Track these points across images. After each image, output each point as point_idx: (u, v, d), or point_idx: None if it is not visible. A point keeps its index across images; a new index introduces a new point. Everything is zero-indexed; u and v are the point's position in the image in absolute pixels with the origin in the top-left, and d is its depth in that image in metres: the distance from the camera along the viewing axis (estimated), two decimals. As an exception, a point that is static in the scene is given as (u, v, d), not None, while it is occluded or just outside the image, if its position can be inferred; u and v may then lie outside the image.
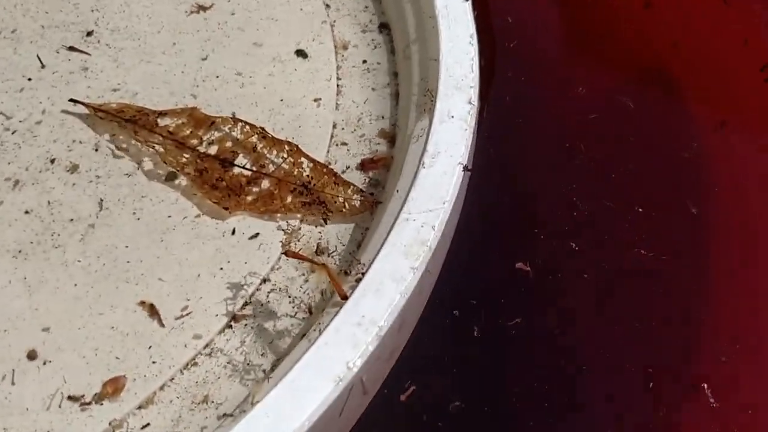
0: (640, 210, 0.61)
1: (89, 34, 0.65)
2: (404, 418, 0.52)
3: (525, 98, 0.67)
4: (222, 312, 0.52)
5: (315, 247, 0.54)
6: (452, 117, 0.54)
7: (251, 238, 0.55)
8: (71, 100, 0.60)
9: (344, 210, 0.55)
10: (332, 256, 0.54)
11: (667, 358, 0.56)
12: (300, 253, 0.53)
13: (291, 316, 0.52)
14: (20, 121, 0.60)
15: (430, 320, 0.52)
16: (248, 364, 0.50)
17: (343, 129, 0.61)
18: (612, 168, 0.63)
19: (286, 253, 0.52)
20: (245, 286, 0.53)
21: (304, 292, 0.53)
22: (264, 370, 0.49)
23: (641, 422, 0.53)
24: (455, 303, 0.55)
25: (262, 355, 0.50)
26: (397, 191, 0.51)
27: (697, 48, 0.72)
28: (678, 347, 0.56)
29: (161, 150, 0.57)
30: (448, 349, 0.55)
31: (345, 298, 0.46)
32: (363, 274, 0.46)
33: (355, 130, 0.61)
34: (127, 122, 0.58)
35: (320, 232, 0.56)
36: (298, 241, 0.54)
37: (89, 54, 0.64)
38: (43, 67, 0.61)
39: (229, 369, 0.49)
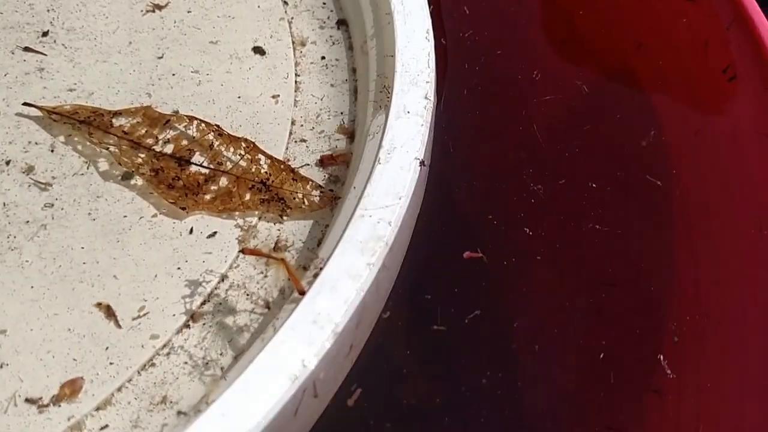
0: (594, 185, 0.61)
1: (45, 34, 0.64)
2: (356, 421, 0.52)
3: (480, 90, 0.67)
4: (180, 311, 0.51)
5: (273, 244, 0.54)
6: (408, 113, 0.53)
7: (209, 236, 0.54)
8: (25, 103, 0.59)
9: (303, 206, 0.55)
10: (290, 252, 0.54)
11: (627, 333, 0.56)
12: (257, 249, 0.52)
13: (250, 313, 0.51)
14: (-26, 124, 0.58)
15: (389, 317, 0.52)
16: (207, 362, 0.49)
17: (301, 126, 0.61)
18: (566, 151, 0.63)
19: (243, 251, 0.52)
20: (203, 285, 0.52)
21: (263, 289, 0.52)
22: (222, 368, 0.49)
23: (600, 399, 0.53)
24: (415, 299, 0.55)
25: (221, 354, 0.50)
26: (354, 188, 0.51)
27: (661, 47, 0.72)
28: (637, 322, 0.56)
29: (116, 151, 0.56)
30: (406, 347, 0.54)
31: (303, 293, 0.46)
32: (321, 269, 0.46)
33: (314, 126, 0.61)
34: (81, 123, 0.58)
35: (279, 229, 0.55)
36: (255, 238, 0.54)
37: (45, 54, 0.63)
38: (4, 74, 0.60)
39: (188, 368, 0.49)
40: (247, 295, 0.52)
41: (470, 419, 0.53)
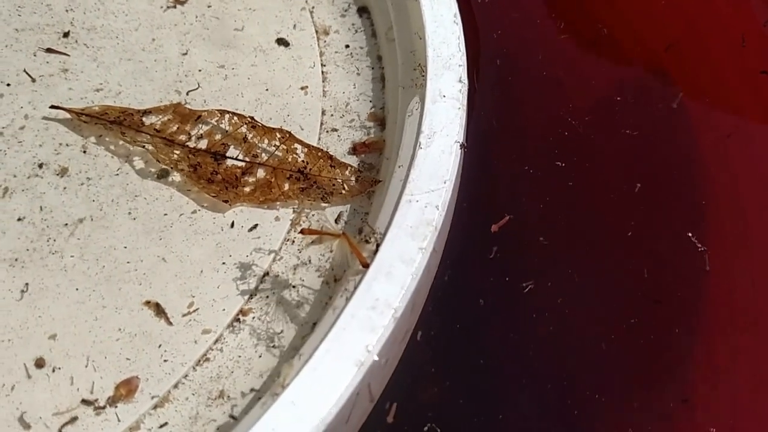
0: (622, 185, 0.60)
1: (66, 35, 0.63)
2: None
3: (505, 88, 0.66)
4: (228, 306, 0.51)
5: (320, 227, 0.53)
6: (444, 96, 0.53)
7: (250, 229, 0.54)
8: (52, 106, 0.58)
9: (343, 191, 0.54)
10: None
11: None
12: (316, 228, 0.52)
13: (298, 304, 0.51)
14: (3, 128, 0.57)
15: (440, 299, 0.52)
16: (260, 355, 0.49)
17: (332, 115, 0.60)
18: (594, 151, 0.63)
19: (302, 231, 0.52)
20: (249, 279, 0.52)
21: (308, 278, 0.52)
22: (276, 360, 0.48)
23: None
24: (461, 278, 0.55)
25: (273, 346, 0.49)
26: (395, 173, 0.50)
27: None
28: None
29: (152, 149, 0.55)
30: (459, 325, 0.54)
31: (366, 265, 0.45)
32: (378, 245, 0.45)
33: (344, 115, 0.60)
34: (112, 124, 0.57)
35: (318, 220, 0.55)
36: (308, 219, 0.53)
37: (68, 55, 0.62)
38: (33, 81, 0.59)
39: (243, 362, 0.49)
40: (293, 286, 0.52)
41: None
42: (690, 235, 0.57)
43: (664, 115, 0.64)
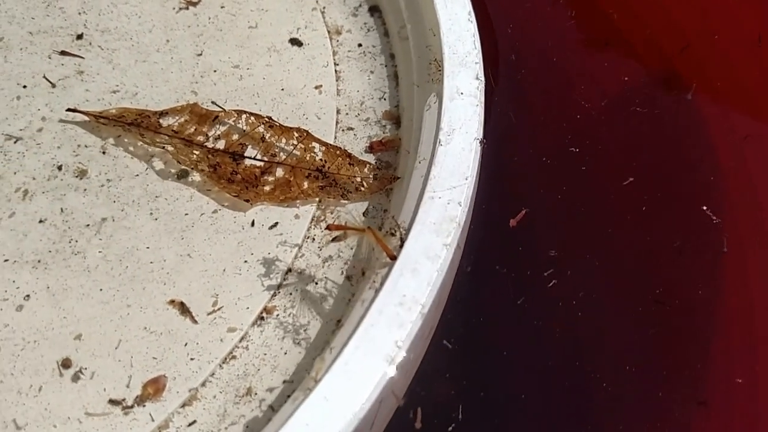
0: (635, 186, 0.60)
1: (79, 37, 0.63)
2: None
3: (519, 90, 0.67)
4: (252, 304, 0.51)
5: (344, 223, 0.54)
6: (461, 94, 0.53)
7: (271, 227, 0.54)
8: (69, 109, 0.58)
9: (362, 189, 0.54)
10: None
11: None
12: (342, 224, 0.52)
13: (320, 302, 0.51)
14: (20, 130, 0.57)
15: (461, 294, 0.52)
16: (285, 353, 0.49)
17: (347, 114, 0.60)
18: (605, 152, 0.63)
19: (329, 227, 0.52)
20: (271, 277, 0.52)
21: (331, 275, 0.52)
22: (301, 356, 0.49)
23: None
24: (481, 273, 0.55)
25: (297, 343, 0.49)
26: (419, 163, 0.51)
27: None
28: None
29: (172, 149, 0.55)
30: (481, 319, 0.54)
31: (393, 258, 0.45)
32: (403, 239, 0.46)
33: (359, 114, 0.60)
34: (130, 126, 0.57)
35: (337, 217, 0.55)
36: (332, 213, 0.54)
37: (83, 57, 0.62)
38: (53, 86, 0.59)
39: (268, 360, 0.49)
40: (316, 282, 0.52)
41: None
42: (707, 210, 0.57)
43: (678, 116, 0.64)
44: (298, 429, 0.40)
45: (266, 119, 0.57)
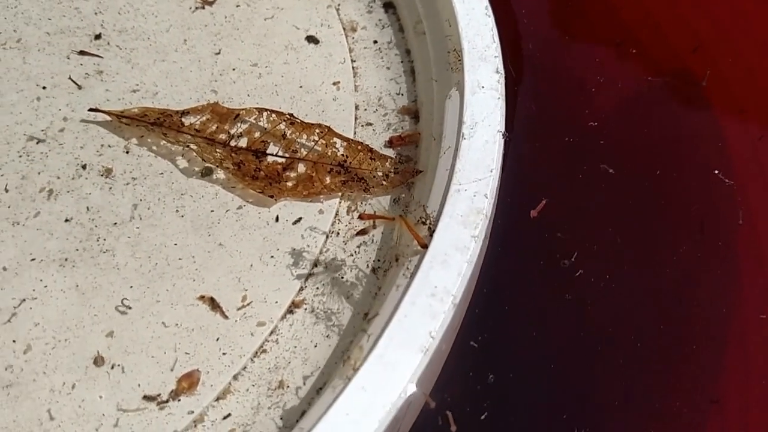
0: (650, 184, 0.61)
1: (97, 37, 0.63)
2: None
3: (532, 90, 0.67)
4: (281, 298, 0.51)
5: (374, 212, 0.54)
6: (483, 87, 0.54)
7: (294, 223, 0.54)
8: (92, 109, 0.58)
9: (384, 183, 0.55)
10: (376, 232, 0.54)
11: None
12: (374, 213, 0.53)
13: (347, 295, 0.51)
14: (42, 130, 0.58)
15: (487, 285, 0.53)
16: (315, 346, 0.50)
17: (365, 110, 0.61)
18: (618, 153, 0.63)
19: (361, 216, 0.52)
20: (298, 271, 0.52)
21: (356, 268, 0.53)
22: (331, 348, 0.49)
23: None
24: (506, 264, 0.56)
25: (327, 336, 0.50)
26: (443, 155, 0.51)
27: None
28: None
29: (196, 147, 0.55)
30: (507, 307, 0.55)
31: (425, 246, 0.46)
32: (432, 228, 0.46)
33: (377, 109, 0.61)
34: (153, 125, 0.57)
35: (360, 211, 0.55)
36: (363, 203, 0.55)
37: (101, 57, 0.62)
38: (79, 87, 0.59)
39: (298, 353, 0.49)
40: (342, 276, 0.52)
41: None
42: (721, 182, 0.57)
43: (691, 116, 0.64)
44: (338, 419, 0.40)
45: (287, 116, 0.57)
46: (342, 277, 0.52)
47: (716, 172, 0.61)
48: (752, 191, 0.61)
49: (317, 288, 0.52)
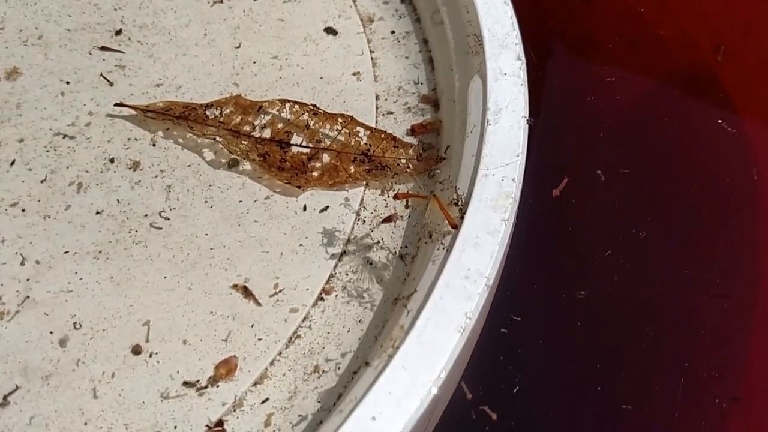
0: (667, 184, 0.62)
1: (118, 32, 0.64)
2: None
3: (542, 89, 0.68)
4: (312, 285, 0.53)
5: (384, 210, 0.55)
6: (505, 74, 0.55)
7: (321, 211, 0.56)
8: (117, 104, 0.59)
9: (408, 170, 0.56)
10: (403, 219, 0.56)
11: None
12: (409, 192, 0.55)
13: (376, 280, 0.53)
14: (68, 125, 0.59)
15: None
16: (348, 331, 0.51)
17: (386, 99, 0.62)
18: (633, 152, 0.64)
19: (396, 196, 0.54)
20: (327, 258, 0.54)
21: (382, 256, 0.54)
22: (363, 334, 0.50)
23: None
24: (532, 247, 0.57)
25: (359, 321, 0.51)
26: (466, 140, 0.52)
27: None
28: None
29: (222, 140, 0.57)
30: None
31: (455, 227, 0.47)
32: (463, 210, 0.48)
33: (397, 99, 0.62)
34: (178, 119, 0.58)
35: (385, 199, 0.57)
36: (401, 183, 0.56)
37: (123, 52, 0.63)
38: (111, 84, 0.61)
39: (332, 338, 0.51)
40: (370, 263, 0.54)
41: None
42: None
43: (711, 113, 0.66)
44: (380, 397, 0.42)
45: (310, 107, 0.58)
46: (370, 263, 0.53)
47: (736, 167, 0.62)
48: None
49: (347, 274, 0.53)
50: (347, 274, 0.53)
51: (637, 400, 0.55)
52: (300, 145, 0.57)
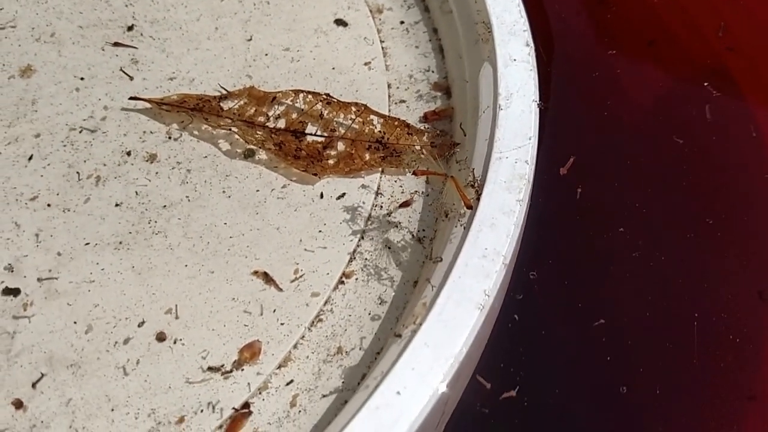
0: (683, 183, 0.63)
1: (130, 28, 0.66)
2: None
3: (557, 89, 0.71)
4: (332, 270, 0.55)
5: (400, 197, 0.58)
6: (515, 60, 0.57)
7: (338, 198, 0.58)
8: (132, 97, 0.61)
9: (423, 156, 0.58)
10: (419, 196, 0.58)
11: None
12: (428, 170, 0.57)
13: (395, 263, 0.55)
14: (84, 120, 0.61)
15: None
16: (369, 314, 0.53)
17: (398, 88, 0.64)
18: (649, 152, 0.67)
19: (415, 173, 0.56)
20: (346, 243, 0.56)
21: (400, 240, 0.56)
22: (383, 316, 0.53)
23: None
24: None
25: (379, 303, 0.53)
26: (479, 125, 0.55)
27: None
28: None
29: (237, 130, 0.59)
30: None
31: (470, 207, 0.50)
32: (479, 192, 0.50)
33: (408, 87, 0.64)
34: (193, 111, 0.60)
35: (401, 185, 0.59)
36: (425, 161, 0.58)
37: (136, 47, 0.65)
38: (131, 78, 0.63)
39: (353, 320, 0.53)
40: (388, 247, 0.56)
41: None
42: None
43: (726, 113, 0.67)
44: (404, 372, 0.44)
45: (324, 96, 0.61)
46: (389, 247, 0.56)
47: (751, 166, 0.64)
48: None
49: (366, 258, 0.55)
50: (366, 258, 0.55)
51: (650, 397, 0.56)
52: (315, 135, 0.59)
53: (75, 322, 0.52)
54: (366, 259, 0.55)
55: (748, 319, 0.59)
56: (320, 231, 0.56)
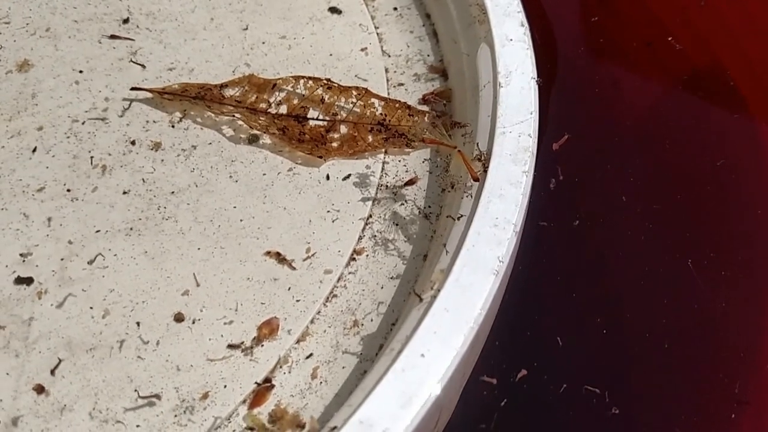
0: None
1: (125, 21, 0.69)
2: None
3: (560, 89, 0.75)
4: (343, 248, 0.58)
5: (403, 179, 0.62)
6: (511, 40, 0.62)
7: (344, 179, 0.62)
8: (134, 88, 0.64)
9: (425, 136, 0.62)
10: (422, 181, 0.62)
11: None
12: (435, 138, 0.60)
13: (404, 239, 0.59)
14: (86, 111, 0.64)
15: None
16: (382, 288, 0.57)
17: (395, 72, 0.68)
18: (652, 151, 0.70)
19: (423, 140, 0.60)
20: (355, 222, 0.60)
21: (407, 217, 0.60)
22: (395, 290, 0.56)
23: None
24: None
25: (390, 278, 0.57)
26: (481, 104, 0.59)
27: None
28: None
29: (240, 116, 0.63)
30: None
31: (476, 179, 0.54)
32: (486, 165, 0.54)
33: (405, 71, 0.68)
34: (194, 99, 0.64)
35: (405, 164, 0.63)
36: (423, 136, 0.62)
37: (133, 39, 0.68)
38: (143, 67, 0.66)
39: (367, 295, 0.56)
40: (396, 223, 0.60)
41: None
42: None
43: (724, 115, 0.71)
44: (427, 336, 0.48)
45: (324, 81, 0.64)
46: (396, 224, 0.59)
47: (750, 170, 0.68)
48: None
49: (375, 235, 0.59)
50: (376, 234, 0.59)
51: (645, 401, 0.60)
52: (317, 119, 0.63)
53: (91, 308, 0.55)
54: (375, 235, 0.59)
55: (748, 320, 0.62)
56: (328, 211, 0.60)
